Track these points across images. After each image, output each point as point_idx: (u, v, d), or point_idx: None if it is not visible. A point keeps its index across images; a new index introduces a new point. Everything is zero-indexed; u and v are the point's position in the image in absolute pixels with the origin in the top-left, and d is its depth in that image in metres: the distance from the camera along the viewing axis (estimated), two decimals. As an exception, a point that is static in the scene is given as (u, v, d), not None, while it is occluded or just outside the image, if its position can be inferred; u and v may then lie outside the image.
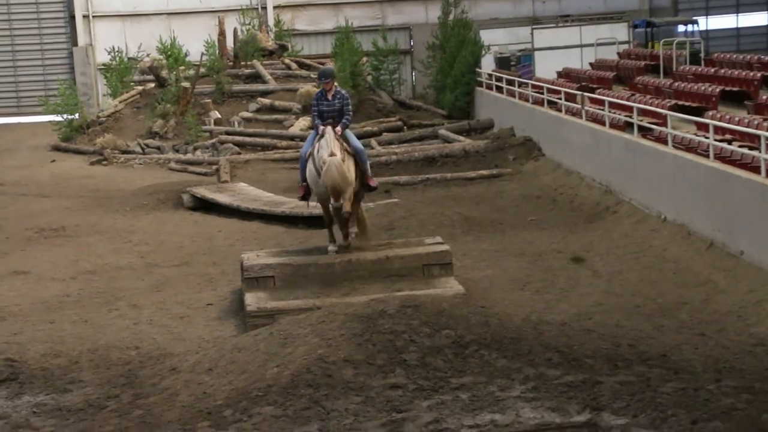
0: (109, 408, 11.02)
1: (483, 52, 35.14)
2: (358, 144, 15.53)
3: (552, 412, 9.86)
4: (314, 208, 16.61)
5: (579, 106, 23.95)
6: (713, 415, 9.45)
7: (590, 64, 31.62)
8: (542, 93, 27.00)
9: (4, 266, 18.11)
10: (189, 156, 30.39)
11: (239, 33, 37.64)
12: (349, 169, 14.76)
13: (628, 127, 21.09)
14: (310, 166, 14.95)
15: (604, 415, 9.70)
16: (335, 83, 15.69)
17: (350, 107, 15.57)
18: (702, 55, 28.47)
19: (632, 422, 9.49)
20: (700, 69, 25.46)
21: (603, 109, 22.40)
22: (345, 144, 14.96)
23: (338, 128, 14.97)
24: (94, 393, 11.54)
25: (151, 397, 11.17)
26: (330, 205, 14.79)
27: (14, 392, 11.71)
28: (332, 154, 14.36)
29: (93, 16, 41.86)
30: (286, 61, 37.59)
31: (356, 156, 15.18)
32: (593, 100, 23.97)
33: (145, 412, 10.70)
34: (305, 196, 15.59)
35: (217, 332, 13.77)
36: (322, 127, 14.87)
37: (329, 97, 15.37)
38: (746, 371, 10.84)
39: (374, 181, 15.92)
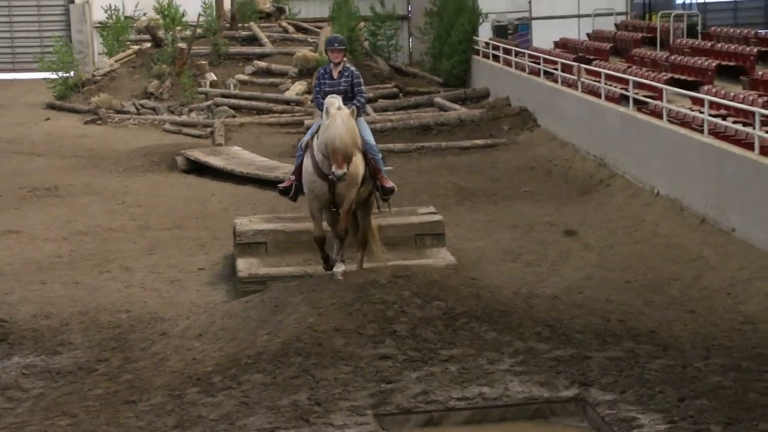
0: (98, 371, 11.06)
1: (480, 19, 34.97)
2: (370, 137, 12.61)
3: (540, 387, 9.93)
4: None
5: (575, 78, 23.91)
6: (700, 393, 9.53)
7: (587, 34, 31.54)
8: (539, 63, 26.92)
9: (-4, 225, 18.11)
10: (184, 118, 30.30)
11: (237, -6, 37.46)
12: (358, 165, 12.07)
13: (623, 99, 21.05)
14: (307, 162, 12.19)
15: (592, 390, 9.77)
16: (345, 58, 12.67)
17: (363, 87, 12.60)
18: (699, 28, 28.40)
19: (620, 398, 9.56)
20: (697, 42, 25.38)
21: (599, 81, 22.36)
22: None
23: (352, 108, 12.08)
24: (83, 356, 11.57)
25: (140, 362, 11.21)
26: (330, 174, 11.76)
27: (4, 353, 11.74)
28: (339, 108, 11.76)
29: (90, -26, 41.58)
30: (284, 24, 37.49)
31: (367, 152, 12.40)
32: (589, 72, 23.93)
33: (134, 377, 10.74)
34: (288, 189, 12.77)
35: (208, 297, 13.78)
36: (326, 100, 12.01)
37: (335, 74, 12.46)
38: (734, 349, 10.90)
39: (389, 182, 12.81)
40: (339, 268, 12.41)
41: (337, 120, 11.56)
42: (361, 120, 12.51)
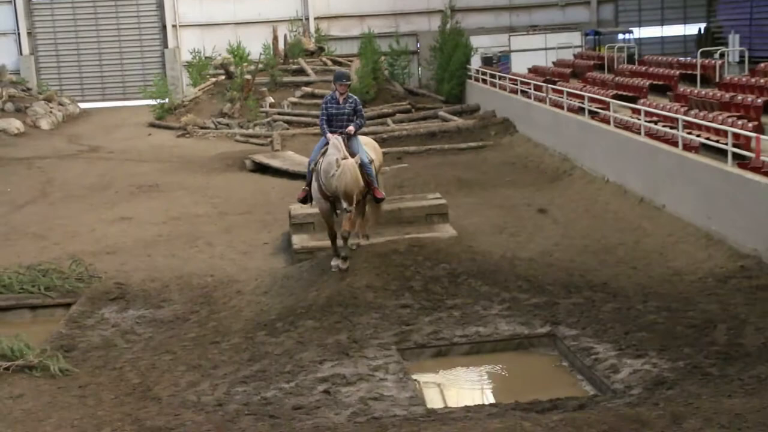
0: (191, 320, 11.13)
1: (472, 53, 34.81)
2: (364, 157, 11.78)
3: (521, 326, 9.92)
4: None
5: (544, 95, 23.74)
6: (641, 328, 9.51)
7: (553, 62, 31.29)
8: (516, 84, 26.77)
9: (113, 214, 18.13)
10: (250, 131, 30.26)
11: (288, 38, 37.33)
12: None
13: (580, 110, 20.90)
14: (314, 184, 11.72)
15: (561, 327, 9.76)
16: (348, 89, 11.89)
17: (362, 111, 11.96)
18: (636, 56, 28.08)
19: (581, 333, 9.54)
20: (634, 67, 25.14)
21: (562, 97, 22.20)
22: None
23: (351, 127, 11.64)
24: (180, 309, 11.65)
25: (222, 312, 11.27)
26: (343, 210, 11.42)
27: (122, 307, 11.86)
28: (345, 157, 11.18)
29: (179, 26, 41.55)
30: (323, 59, 37.31)
31: (361, 167, 11.52)
32: (555, 90, 23.76)
33: (218, 324, 10.80)
34: (305, 199, 12.30)
35: (271, 264, 13.77)
36: (329, 136, 11.48)
37: (340, 101, 11.72)
38: (666, 295, 10.85)
39: (381, 192, 12.23)
40: (335, 262, 11.69)
41: (346, 171, 11.05)
42: (359, 143, 11.94)
